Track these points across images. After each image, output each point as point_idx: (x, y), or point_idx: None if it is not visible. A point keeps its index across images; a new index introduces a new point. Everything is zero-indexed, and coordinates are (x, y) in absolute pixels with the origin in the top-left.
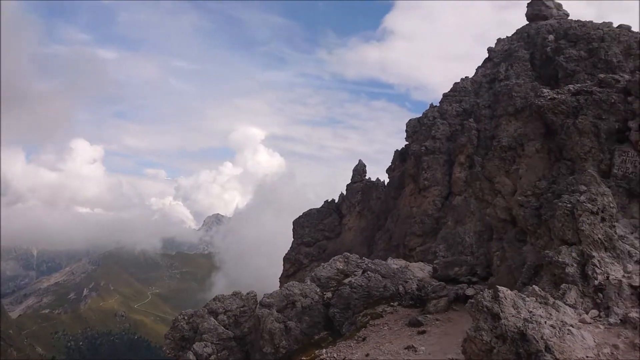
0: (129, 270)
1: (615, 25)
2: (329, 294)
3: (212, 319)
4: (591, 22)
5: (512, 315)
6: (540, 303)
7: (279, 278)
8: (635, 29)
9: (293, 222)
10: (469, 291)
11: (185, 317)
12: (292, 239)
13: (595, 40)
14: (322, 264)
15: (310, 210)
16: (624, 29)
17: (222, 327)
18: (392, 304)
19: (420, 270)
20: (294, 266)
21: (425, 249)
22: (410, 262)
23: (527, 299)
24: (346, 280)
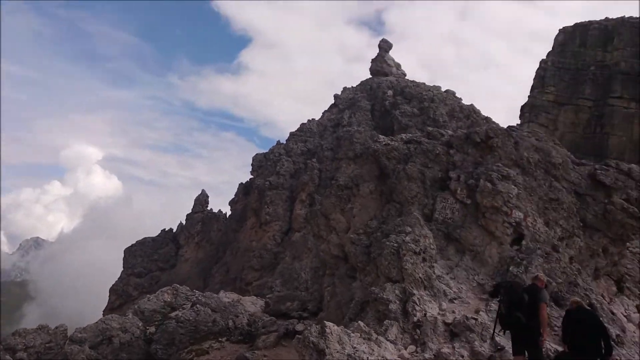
0: None
1: (443, 89)
2: (153, 329)
3: (9, 357)
4: (424, 83)
5: (337, 351)
6: (364, 339)
7: (103, 311)
8: (458, 95)
9: (124, 251)
10: (299, 326)
11: None
12: (122, 269)
13: (427, 100)
14: (148, 295)
15: (145, 238)
16: (450, 93)
17: None
18: (220, 339)
19: (252, 305)
20: (120, 298)
21: (262, 283)
22: (246, 296)
23: (352, 334)
24: (173, 314)
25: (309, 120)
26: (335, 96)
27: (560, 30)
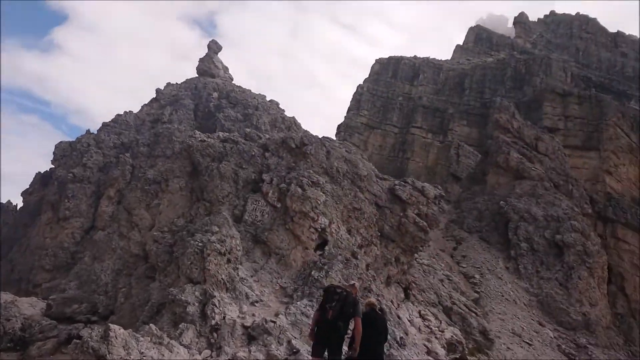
0: None
1: (268, 99)
2: None
3: None
4: (250, 90)
5: (121, 357)
6: (154, 343)
7: None
8: (282, 106)
9: None
10: (84, 331)
11: None
12: None
13: (251, 107)
14: None
15: None
16: (274, 103)
17: None
18: None
19: (30, 307)
20: None
21: (54, 285)
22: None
23: (141, 339)
24: None
25: (125, 112)
26: (158, 90)
27: (376, 60)
